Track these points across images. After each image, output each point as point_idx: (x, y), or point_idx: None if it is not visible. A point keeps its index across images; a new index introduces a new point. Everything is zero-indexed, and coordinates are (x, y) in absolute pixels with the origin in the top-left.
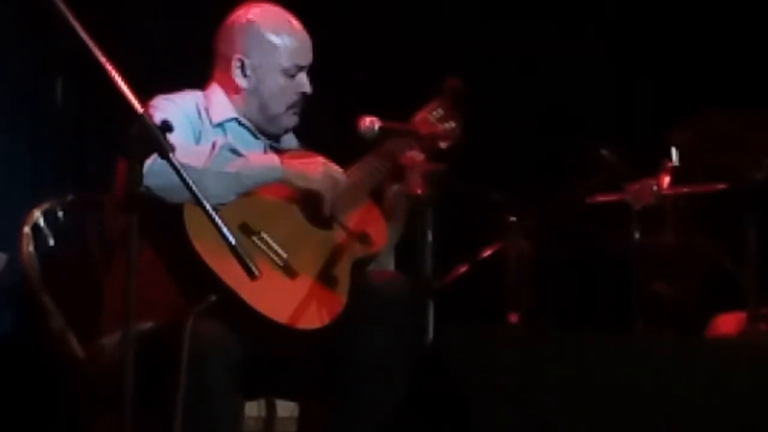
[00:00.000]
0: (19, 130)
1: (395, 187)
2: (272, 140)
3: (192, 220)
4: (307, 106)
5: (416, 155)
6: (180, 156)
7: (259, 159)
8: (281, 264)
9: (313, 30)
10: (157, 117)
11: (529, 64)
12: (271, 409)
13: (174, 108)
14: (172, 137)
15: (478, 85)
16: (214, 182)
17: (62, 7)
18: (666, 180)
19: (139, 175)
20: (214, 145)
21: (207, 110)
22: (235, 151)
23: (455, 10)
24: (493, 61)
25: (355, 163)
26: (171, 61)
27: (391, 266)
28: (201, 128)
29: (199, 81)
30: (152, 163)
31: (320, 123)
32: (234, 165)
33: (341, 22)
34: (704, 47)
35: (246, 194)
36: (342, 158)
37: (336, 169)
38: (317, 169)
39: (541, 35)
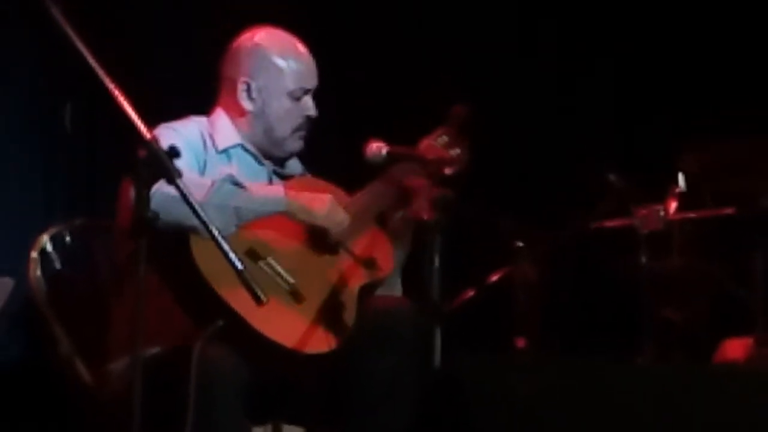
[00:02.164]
0: (29, 156)
1: (400, 212)
2: (277, 165)
3: (199, 245)
4: (312, 130)
5: (420, 180)
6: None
7: (262, 190)
8: (288, 289)
9: (319, 54)
10: (162, 145)
11: (537, 89)
12: None
13: (177, 137)
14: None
15: (485, 110)
16: (213, 216)
17: (71, 33)
18: (673, 205)
19: (147, 200)
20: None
21: (212, 137)
22: (238, 184)
23: (464, 36)
24: (500, 86)
25: (362, 188)
26: (178, 86)
27: (399, 289)
28: (206, 156)
29: (205, 106)
30: (154, 194)
31: (326, 147)
32: (235, 198)
33: (347, 46)
34: (713, 73)
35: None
36: (348, 182)
37: (341, 211)
38: (322, 207)
39: (549, 60)
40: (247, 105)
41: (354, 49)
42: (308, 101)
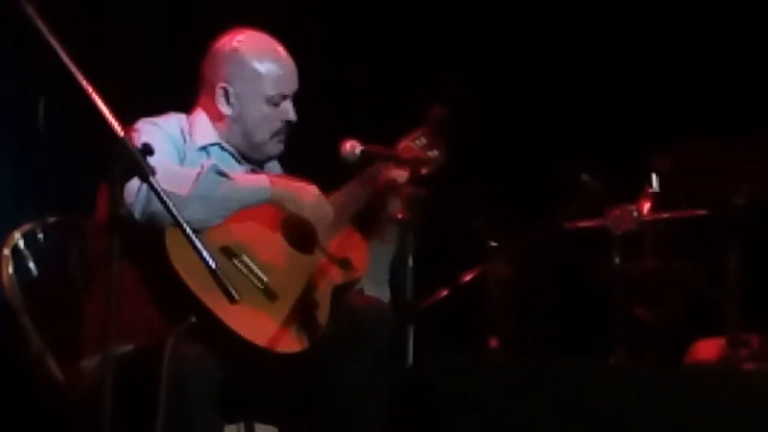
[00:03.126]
0: (0, 153)
1: (387, 212)
2: (255, 166)
3: (173, 242)
4: (292, 133)
5: (399, 174)
6: (166, 180)
7: (247, 180)
8: (262, 287)
9: (296, 55)
10: (140, 140)
11: (512, 90)
12: None
13: (158, 131)
14: (158, 160)
15: (459, 109)
16: (198, 207)
17: (44, 30)
18: (646, 206)
19: (121, 197)
20: (202, 168)
21: (191, 134)
22: (222, 173)
23: (440, 36)
24: (475, 86)
25: (337, 188)
26: (157, 84)
27: (387, 294)
28: (185, 150)
29: (184, 104)
30: (140, 190)
31: (304, 149)
32: (220, 188)
33: (325, 47)
34: (685, 74)
35: (229, 217)
36: (324, 182)
37: (327, 205)
38: (309, 199)
39: (524, 62)
40: (225, 109)
41: (333, 51)
42: (287, 106)
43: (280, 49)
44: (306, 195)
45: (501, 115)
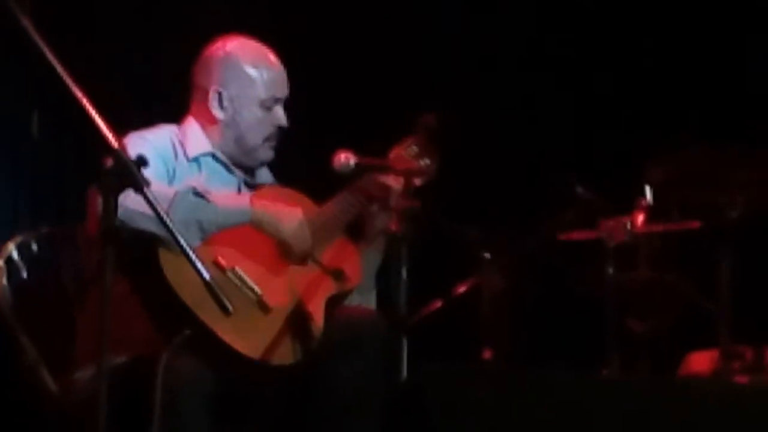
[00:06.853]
0: None
1: (377, 220)
2: (247, 174)
3: (167, 255)
4: (283, 140)
5: (392, 183)
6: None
7: (227, 201)
8: (255, 300)
9: (287, 63)
10: (131, 154)
11: (504, 101)
12: None
13: (146, 145)
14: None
15: (452, 120)
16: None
17: (40, 42)
18: (640, 217)
19: (114, 209)
20: (176, 193)
21: (182, 145)
22: (199, 194)
23: (431, 46)
24: (466, 97)
25: (330, 198)
26: (147, 94)
27: (373, 302)
28: (175, 164)
29: (175, 114)
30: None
31: (296, 157)
32: (199, 210)
33: (315, 55)
34: (679, 84)
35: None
36: (318, 192)
37: (307, 231)
38: (289, 223)
39: (516, 71)
40: (218, 114)
41: (323, 59)
42: (279, 111)
43: (272, 55)
44: (286, 219)
45: (494, 126)
